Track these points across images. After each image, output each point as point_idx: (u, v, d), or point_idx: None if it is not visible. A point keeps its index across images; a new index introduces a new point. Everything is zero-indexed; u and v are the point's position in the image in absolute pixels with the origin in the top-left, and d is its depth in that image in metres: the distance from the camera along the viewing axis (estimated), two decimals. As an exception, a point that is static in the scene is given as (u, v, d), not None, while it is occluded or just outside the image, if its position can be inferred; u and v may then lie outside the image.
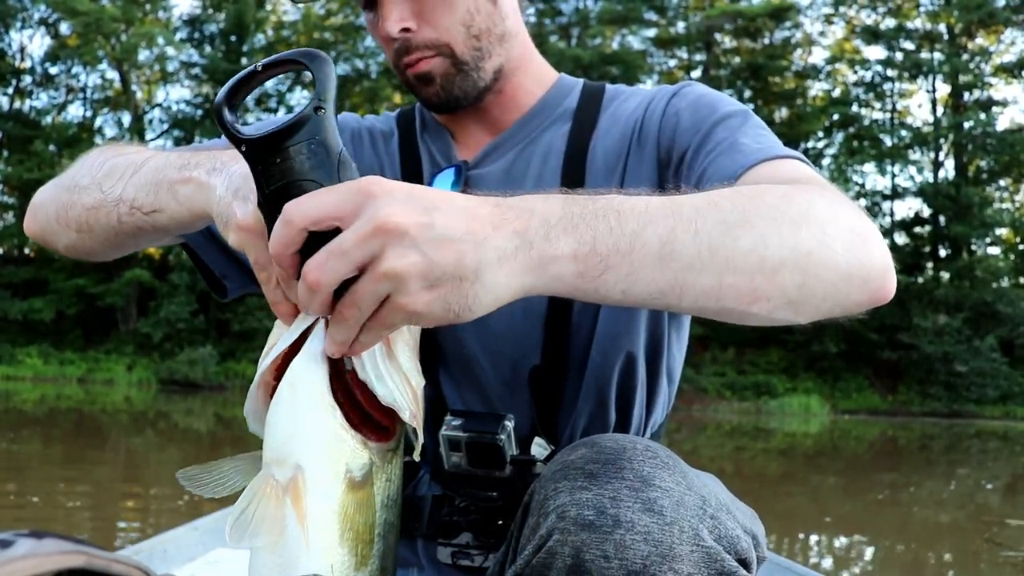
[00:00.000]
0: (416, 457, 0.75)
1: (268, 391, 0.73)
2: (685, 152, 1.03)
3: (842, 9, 33.08)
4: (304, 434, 0.70)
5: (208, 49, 33.03)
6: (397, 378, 0.71)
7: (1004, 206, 31.78)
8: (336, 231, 0.64)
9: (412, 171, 1.17)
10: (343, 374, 0.72)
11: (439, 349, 1.12)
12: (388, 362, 0.71)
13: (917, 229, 32.45)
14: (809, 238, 0.74)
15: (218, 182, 0.82)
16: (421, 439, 0.74)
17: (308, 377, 0.70)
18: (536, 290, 0.68)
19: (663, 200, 0.73)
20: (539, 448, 1.07)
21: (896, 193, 32.42)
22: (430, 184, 1.12)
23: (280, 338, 0.73)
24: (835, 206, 0.79)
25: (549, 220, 0.68)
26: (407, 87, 1.13)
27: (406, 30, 1.06)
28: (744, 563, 0.77)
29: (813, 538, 6.16)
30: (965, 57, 31.84)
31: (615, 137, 1.11)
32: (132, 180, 0.94)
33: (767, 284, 0.73)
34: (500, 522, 1.07)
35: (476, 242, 0.65)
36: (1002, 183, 32.41)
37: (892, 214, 32.83)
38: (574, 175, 1.10)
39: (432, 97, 1.10)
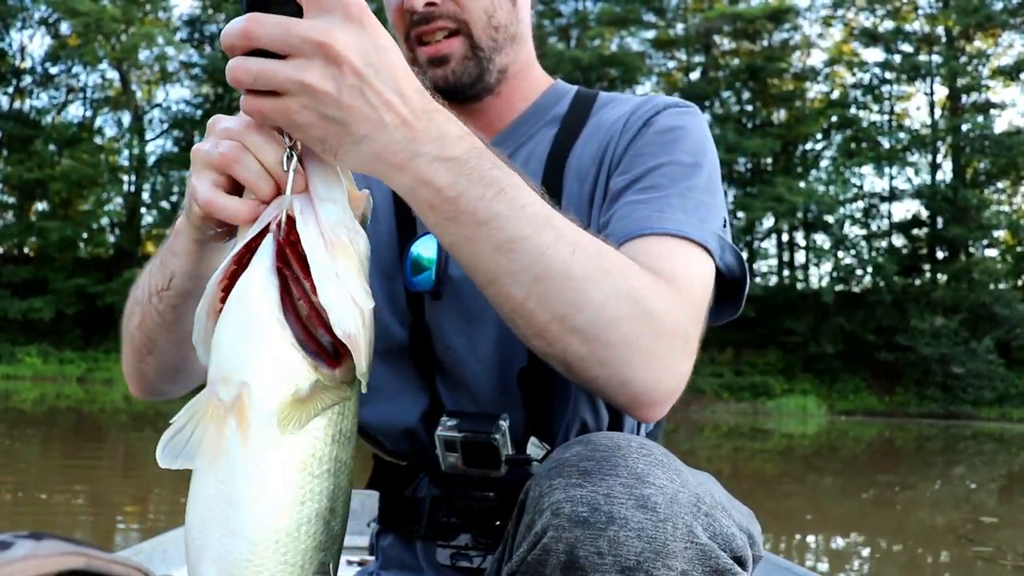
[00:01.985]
0: (363, 389, 0.73)
1: (217, 315, 0.70)
2: (621, 177, 1.05)
3: (841, 11, 33.09)
4: (251, 350, 0.67)
5: (208, 49, 32.98)
6: (339, 292, 0.69)
7: (1002, 208, 31.77)
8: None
9: None
10: (294, 294, 0.69)
11: (433, 356, 1.13)
12: (336, 279, 0.69)
13: (915, 231, 32.43)
14: (619, 332, 0.81)
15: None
16: (364, 366, 0.71)
17: (257, 291, 0.68)
18: (392, 185, 0.75)
19: (551, 214, 0.80)
20: (535, 448, 1.07)
21: (894, 195, 32.42)
22: None
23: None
24: (656, 321, 0.84)
25: (445, 153, 0.74)
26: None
27: (431, 4, 1.07)
28: (739, 560, 0.78)
29: (810, 538, 6.16)
30: (963, 60, 31.83)
31: (594, 144, 1.12)
32: (147, 276, 0.99)
33: (557, 333, 0.81)
34: (498, 523, 1.07)
35: (381, 121, 0.71)
36: (1000, 185, 32.40)
37: (890, 216, 32.86)
38: (552, 179, 1.11)
39: (439, 80, 1.10)
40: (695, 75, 34.14)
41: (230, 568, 0.67)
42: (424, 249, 1.09)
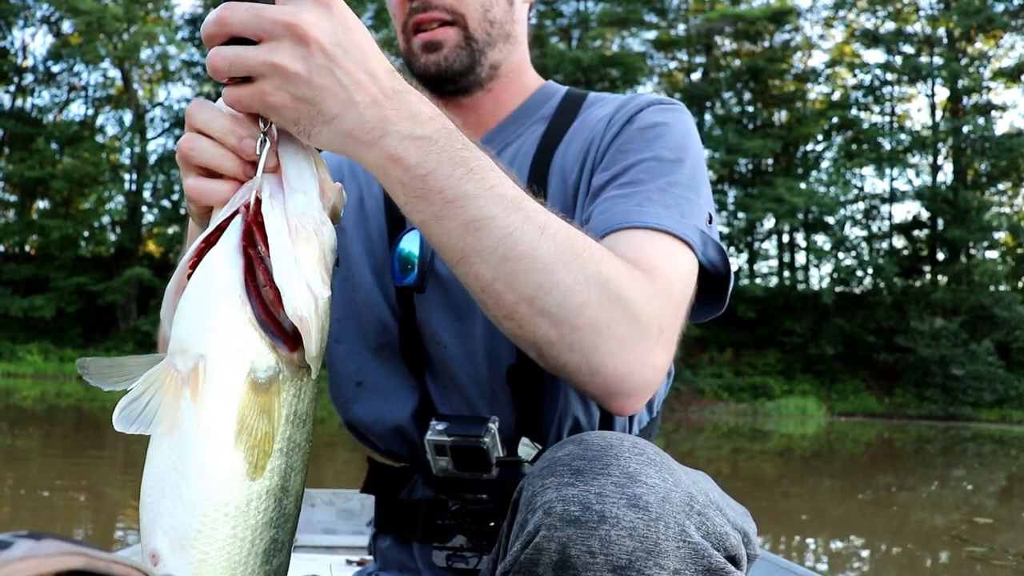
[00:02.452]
0: (314, 375, 0.74)
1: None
2: (603, 173, 1.06)
3: (842, 13, 33.07)
4: (210, 323, 0.69)
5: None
6: (294, 275, 0.70)
7: (1002, 210, 31.76)
8: None
9: None
10: (258, 275, 0.71)
11: (424, 353, 1.13)
12: (294, 263, 0.71)
13: (915, 232, 32.41)
14: (587, 316, 0.81)
15: None
16: (313, 350, 0.72)
17: (221, 268, 0.70)
18: (363, 164, 0.77)
19: (520, 197, 0.81)
20: (526, 448, 1.07)
21: (895, 196, 32.38)
22: None
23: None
24: (628, 309, 0.83)
25: (415, 132, 0.76)
26: (406, 59, 1.14)
27: None
28: (733, 560, 0.78)
29: (810, 540, 6.14)
30: (964, 61, 31.81)
31: (579, 142, 1.13)
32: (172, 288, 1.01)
33: (525, 315, 0.82)
34: (492, 524, 1.08)
35: (351, 100, 0.74)
36: (1000, 187, 32.39)
37: (891, 217, 32.84)
38: (538, 177, 1.12)
39: (431, 65, 1.11)
40: (696, 76, 34.14)
41: (180, 538, 0.68)
42: (408, 244, 1.11)
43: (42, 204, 32.35)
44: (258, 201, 0.72)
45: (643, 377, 0.86)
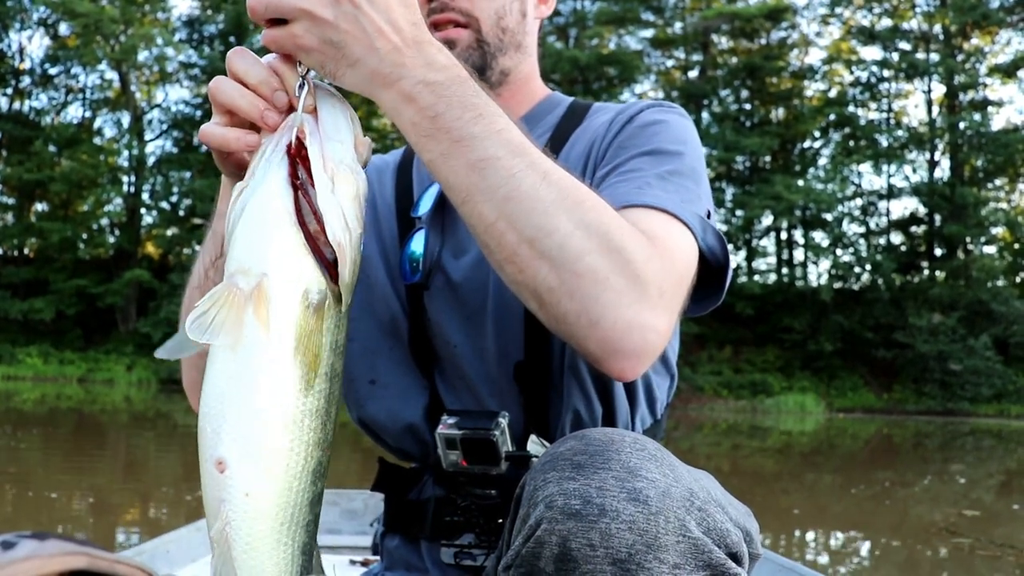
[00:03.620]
0: (345, 305, 0.77)
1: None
2: (604, 168, 1.09)
3: (838, 10, 33.05)
4: (270, 246, 0.74)
5: (207, 50, 32.93)
6: (336, 207, 0.76)
7: (999, 206, 31.77)
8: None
9: (403, 196, 1.24)
10: (303, 205, 0.76)
11: (434, 353, 1.16)
12: (334, 195, 0.76)
13: (913, 228, 32.46)
14: (587, 263, 0.83)
15: None
16: (347, 277, 0.77)
17: (277, 197, 0.75)
18: (380, 103, 0.83)
19: (526, 144, 0.85)
20: (535, 446, 1.08)
21: (892, 193, 32.42)
22: (418, 202, 1.20)
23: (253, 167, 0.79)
24: (628, 262, 0.84)
25: (429, 77, 0.82)
26: None
27: None
28: (734, 557, 0.78)
29: (809, 535, 6.16)
30: (960, 58, 31.84)
31: (581, 146, 1.16)
32: (199, 261, 1.04)
33: (526, 258, 0.83)
34: (500, 520, 1.09)
35: (372, 46, 0.81)
36: (997, 183, 32.42)
37: (888, 213, 32.88)
38: None
39: None
40: (693, 74, 34.15)
41: (246, 446, 0.73)
42: (415, 245, 1.15)
43: (41, 207, 32.32)
44: (299, 141, 0.78)
45: (643, 337, 0.85)
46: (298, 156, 0.77)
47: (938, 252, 31.56)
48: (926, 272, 31.48)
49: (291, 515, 0.75)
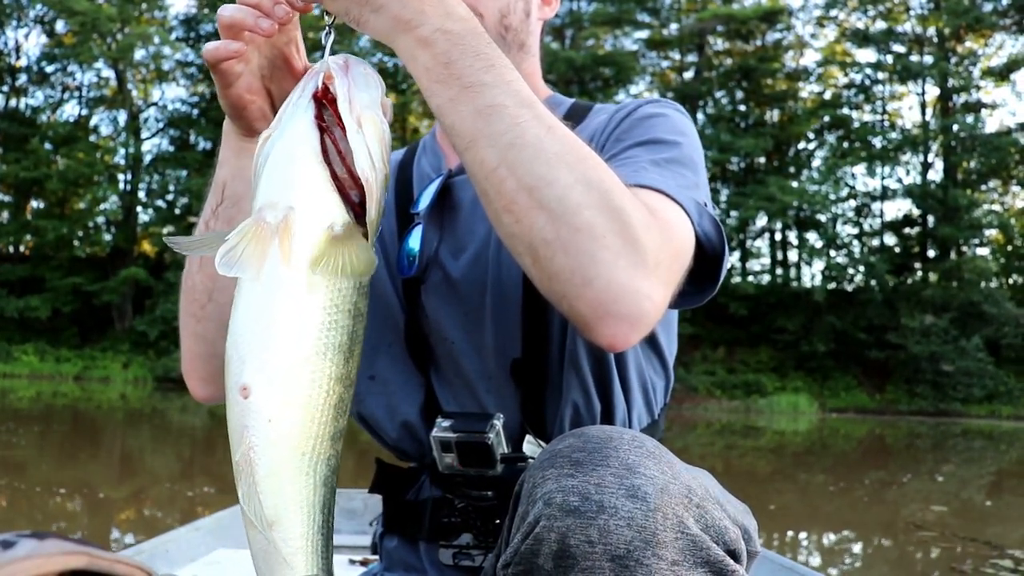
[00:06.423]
0: (370, 240, 0.80)
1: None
2: (602, 155, 1.14)
3: (833, 12, 33.10)
4: (298, 180, 0.77)
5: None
6: (362, 146, 0.79)
7: (992, 208, 31.81)
8: None
9: (403, 193, 1.26)
10: (329, 146, 0.80)
11: (430, 350, 1.17)
12: (358, 134, 0.79)
13: (906, 230, 32.45)
14: (584, 217, 0.80)
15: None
16: (373, 213, 0.80)
17: (304, 136, 0.78)
18: (397, 49, 0.86)
19: (533, 98, 0.86)
20: (531, 446, 1.08)
21: (886, 194, 32.43)
22: (417, 199, 1.21)
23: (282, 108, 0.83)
24: (625, 224, 0.82)
25: (446, 26, 0.85)
26: None
27: None
28: (733, 554, 0.79)
29: (802, 535, 6.17)
30: (954, 60, 31.89)
31: None
32: (202, 216, 1.05)
33: (525, 207, 0.81)
34: (497, 521, 1.09)
35: None
36: (990, 185, 32.46)
37: (882, 215, 32.90)
38: None
39: None
40: (688, 75, 34.16)
41: (271, 374, 0.75)
42: (412, 240, 1.15)
43: (37, 204, 32.22)
44: (325, 87, 0.82)
45: (636, 303, 0.81)
46: (324, 99, 0.81)
47: (931, 254, 31.60)
48: (919, 273, 31.52)
49: (312, 446, 0.76)
